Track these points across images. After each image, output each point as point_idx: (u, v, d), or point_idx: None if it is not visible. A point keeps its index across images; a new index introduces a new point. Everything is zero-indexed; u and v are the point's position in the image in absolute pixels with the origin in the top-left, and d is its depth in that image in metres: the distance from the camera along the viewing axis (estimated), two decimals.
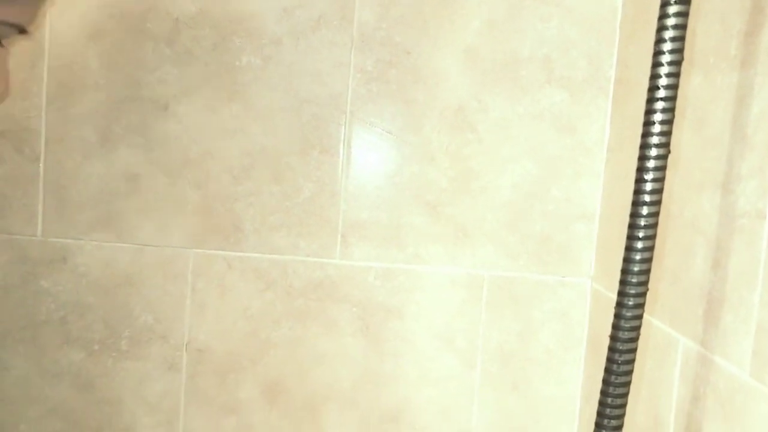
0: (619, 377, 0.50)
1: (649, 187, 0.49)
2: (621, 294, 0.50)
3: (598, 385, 0.91)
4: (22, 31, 0.55)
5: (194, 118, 0.98)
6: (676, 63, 0.46)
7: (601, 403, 0.51)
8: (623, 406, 0.51)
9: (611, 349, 0.50)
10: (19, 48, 0.97)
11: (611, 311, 0.87)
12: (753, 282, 0.57)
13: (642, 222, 0.49)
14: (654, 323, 0.76)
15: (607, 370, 0.50)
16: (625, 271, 0.50)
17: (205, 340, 1.00)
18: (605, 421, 0.50)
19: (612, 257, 0.93)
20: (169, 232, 0.99)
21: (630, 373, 0.50)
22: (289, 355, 1.01)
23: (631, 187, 0.84)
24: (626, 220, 0.86)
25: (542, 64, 0.98)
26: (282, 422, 1.02)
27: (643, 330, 0.79)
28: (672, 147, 0.75)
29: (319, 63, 0.97)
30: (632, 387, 0.80)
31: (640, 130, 0.83)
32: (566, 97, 0.98)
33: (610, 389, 0.50)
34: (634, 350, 0.50)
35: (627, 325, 0.49)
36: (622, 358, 0.49)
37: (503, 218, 1.00)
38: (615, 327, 0.50)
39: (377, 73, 0.97)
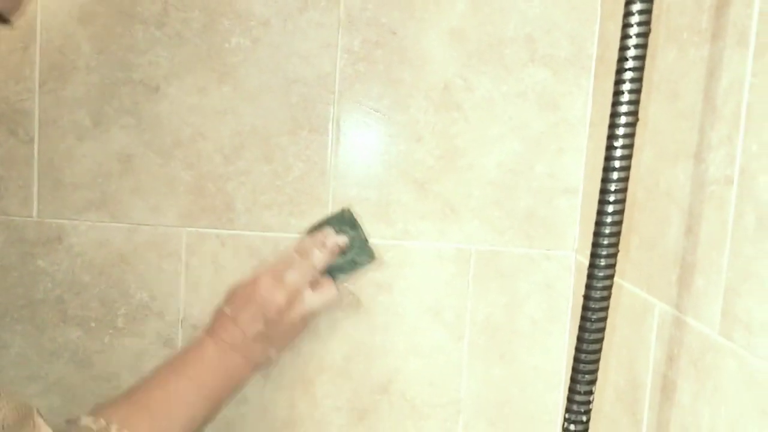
0: (592, 334, 0.53)
1: (618, 153, 0.51)
2: (593, 255, 0.53)
3: None
4: (2, 20, 0.54)
5: (185, 100, 1.00)
6: (644, 35, 0.48)
7: (576, 359, 0.54)
8: (597, 361, 0.54)
9: (585, 308, 0.53)
10: (11, 32, 0.98)
11: None
12: (722, 246, 0.60)
13: (612, 187, 0.52)
14: (632, 290, 0.79)
15: (581, 328, 0.53)
16: (597, 234, 0.53)
17: (200, 317, 1.03)
18: (579, 376, 0.53)
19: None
20: (162, 212, 1.01)
21: (602, 330, 0.53)
22: None
23: None
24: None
25: (525, 43, 1.00)
26: (276, 394, 1.05)
27: (621, 297, 0.82)
28: (648, 120, 0.78)
29: (307, 44, 0.99)
30: (611, 353, 0.83)
31: None
32: (549, 76, 1.01)
33: (584, 346, 0.53)
34: (606, 308, 0.53)
35: (599, 285, 0.52)
36: (595, 316, 0.52)
37: (489, 194, 1.03)
38: (588, 287, 0.53)
39: (364, 54, 0.99)
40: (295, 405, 1.05)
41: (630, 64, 0.48)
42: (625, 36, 0.48)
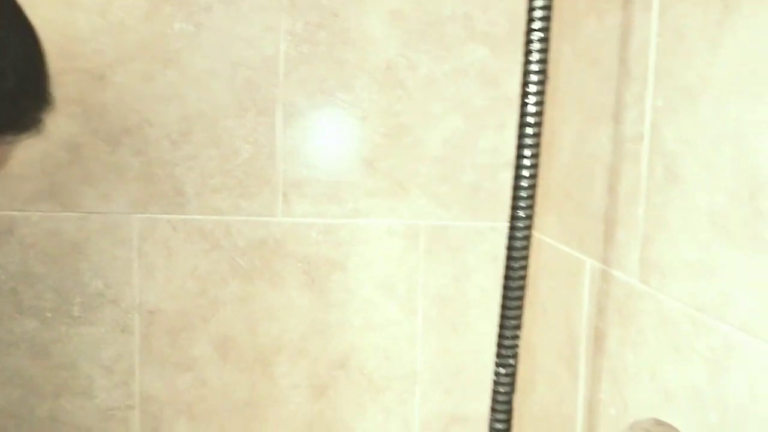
0: (515, 281, 0.56)
1: (532, 109, 0.54)
2: (514, 208, 0.56)
3: (533, 320, 0.97)
4: None
5: (130, 87, 1.00)
6: None
7: (503, 307, 0.57)
8: (520, 308, 0.57)
9: (508, 258, 0.57)
10: None
11: (542, 252, 0.94)
12: (638, 198, 0.64)
13: (528, 141, 0.55)
14: (566, 251, 0.83)
15: (506, 278, 0.56)
16: (516, 188, 0.56)
17: (156, 302, 1.04)
18: (506, 322, 0.57)
19: (539, 202, 1.00)
20: (112, 199, 1.02)
21: (524, 278, 0.56)
22: (238, 311, 1.05)
23: (551, 132, 0.90)
24: (548, 164, 0.92)
25: (464, 21, 1.03)
26: (236, 375, 1.06)
27: (556, 259, 0.85)
28: (573, 87, 0.81)
29: (250, 27, 1.00)
30: (550, 313, 0.87)
31: (555, 80, 0.89)
32: (488, 53, 1.04)
33: (508, 293, 0.56)
34: (526, 257, 0.56)
35: (519, 235, 0.55)
36: (517, 264, 0.55)
37: (435, 170, 1.06)
38: (510, 238, 0.56)
39: (307, 36, 1.01)
40: (255, 385, 1.07)
41: (537, 25, 0.51)
42: None
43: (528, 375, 1.00)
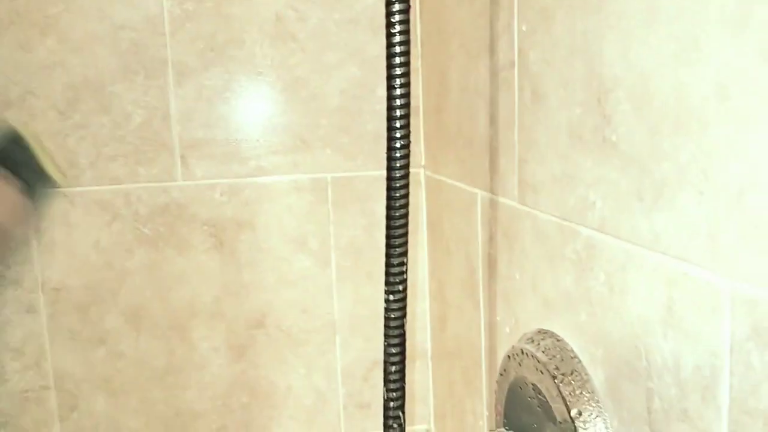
0: (397, 211, 0.57)
1: (398, 38, 0.55)
2: (390, 140, 0.57)
3: (441, 261, 1.00)
4: None
5: (8, 58, 0.96)
6: None
7: (387, 236, 0.59)
8: (405, 235, 0.59)
9: (388, 189, 0.58)
10: None
11: (443, 194, 0.96)
12: (512, 124, 0.67)
13: (398, 71, 0.56)
14: (461, 187, 0.85)
15: (388, 208, 0.58)
16: (390, 119, 0.57)
17: (60, 279, 1.01)
18: (392, 251, 0.58)
19: (438, 145, 1.02)
20: None
21: (405, 207, 0.58)
22: (147, 280, 1.04)
23: (441, 73, 0.92)
24: (441, 105, 0.94)
25: None
26: (152, 344, 1.05)
27: (454, 196, 0.88)
28: (456, 26, 0.83)
29: None
30: (455, 252, 0.90)
31: (442, 22, 0.90)
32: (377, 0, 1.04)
33: (392, 222, 0.58)
34: (406, 186, 0.58)
35: (397, 165, 0.57)
36: (398, 194, 0.57)
37: (336, 122, 1.06)
38: (388, 169, 0.58)
39: None
40: (172, 352, 1.06)
41: None
42: None
43: (441, 314, 1.03)
